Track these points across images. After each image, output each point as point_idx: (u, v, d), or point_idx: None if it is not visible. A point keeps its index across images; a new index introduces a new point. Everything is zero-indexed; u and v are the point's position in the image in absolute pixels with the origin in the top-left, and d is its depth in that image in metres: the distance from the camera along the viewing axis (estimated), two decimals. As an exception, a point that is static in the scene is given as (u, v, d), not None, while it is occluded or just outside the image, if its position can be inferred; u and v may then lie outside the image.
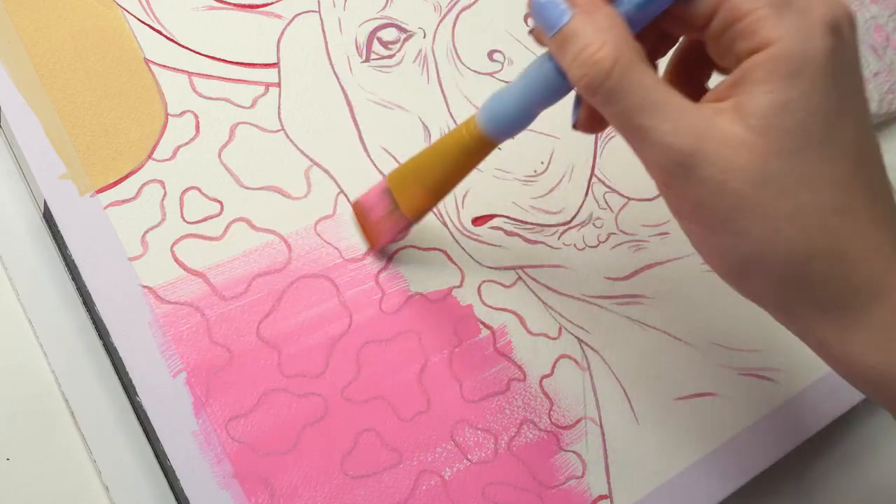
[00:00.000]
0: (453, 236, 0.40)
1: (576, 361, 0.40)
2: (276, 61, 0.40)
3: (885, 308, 0.27)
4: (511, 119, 0.32)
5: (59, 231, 0.34)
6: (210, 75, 0.39)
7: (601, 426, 0.40)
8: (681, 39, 0.32)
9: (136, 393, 0.33)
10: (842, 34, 0.27)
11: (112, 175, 0.36)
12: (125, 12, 0.38)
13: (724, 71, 0.31)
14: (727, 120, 0.27)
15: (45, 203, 0.35)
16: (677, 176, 0.27)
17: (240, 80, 0.39)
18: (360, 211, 0.38)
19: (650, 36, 0.31)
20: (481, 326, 0.39)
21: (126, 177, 0.36)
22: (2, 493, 0.32)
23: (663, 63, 0.33)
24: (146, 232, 0.35)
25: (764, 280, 0.28)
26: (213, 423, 0.33)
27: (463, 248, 0.40)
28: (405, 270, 0.39)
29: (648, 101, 0.27)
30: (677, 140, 0.26)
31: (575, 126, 0.31)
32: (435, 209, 0.40)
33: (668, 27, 0.30)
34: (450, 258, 0.40)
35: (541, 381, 0.39)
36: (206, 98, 0.38)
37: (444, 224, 0.40)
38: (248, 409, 0.34)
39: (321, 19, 0.42)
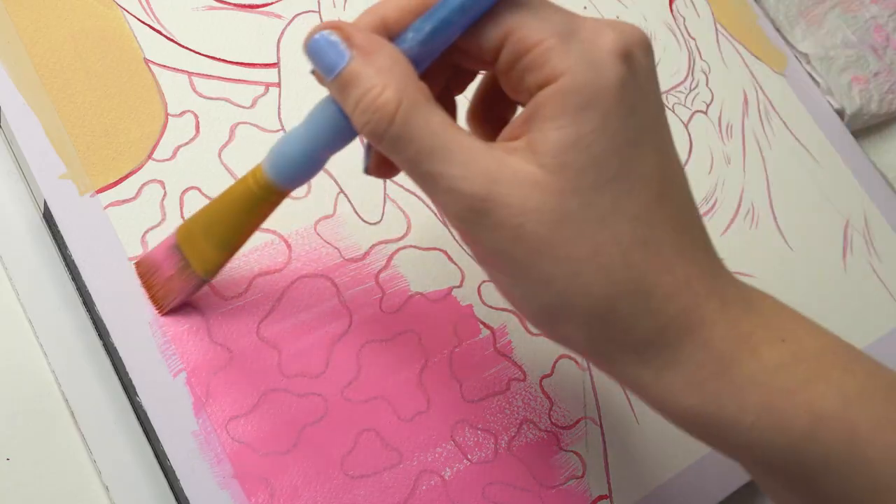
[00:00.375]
0: (453, 236, 0.40)
1: (576, 361, 0.40)
2: (276, 61, 0.40)
3: (696, 344, 0.26)
4: (298, 167, 0.29)
5: (59, 231, 0.34)
6: (210, 75, 0.39)
7: (601, 426, 0.40)
8: (482, 74, 0.31)
9: (136, 393, 0.33)
10: (634, 61, 0.26)
11: (112, 175, 0.36)
12: (125, 12, 0.38)
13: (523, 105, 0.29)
14: (520, 160, 0.25)
15: (45, 203, 0.35)
16: (473, 223, 0.25)
17: (240, 80, 0.39)
18: (145, 270, 0.34)
19: (443, 71, 0.29)
20: (481, 326, 0.39)
21: (126, 177, 0.36)
22: (2, 493, 0.32)
23: (465, 100, 0.31)
24: (146, 232, 0.35)
25: (572, 325, 0.26)
26: (213, 423, 0.33)
27: (463, 248, 0.40)
28: (405, 270, 0.39)
29: (437, 145, 0.25)
30: (468, 185, 0.25)
31: (367, 171, 0.30)
32: (435, 209, 0.40)
33: (460, 61, 0.29)
34: (450, 258, 0.40)
35: (541, 381, 0.39)
36: (206, 98, 0.38)
37: (445, 224, 0.40)
38: (248, 409, 0.34)
39: (321, 19, 0.42)
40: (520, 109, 0.29)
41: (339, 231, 0.38)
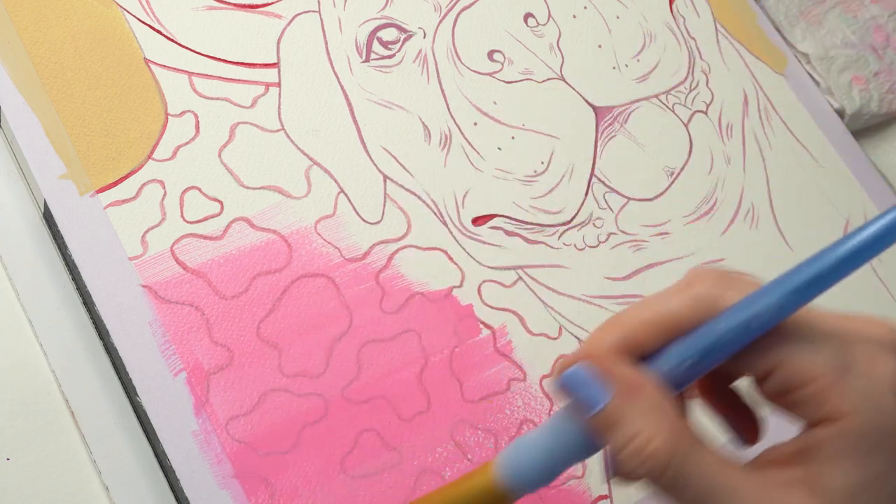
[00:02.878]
0: (453, 236, 0.40)
1: (576, 361, 0.40)
2: (276, 61, 0.40)
3: None
4: (537, 477, 0.27)
5: (59, 231, 0.34)
6: (210, 75, 0.39)
7: (601, 426, 0.39)
8: None
9: (136, 393, 0.33)
10: None
11: (112, 175, 0.36)
12: (125, 12, 0.38)
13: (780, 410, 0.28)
14: (802, 497, 0.25)
15: (45, 203, 0.35)
16: None
17: (240, 80, 0.39)
18: None
19: None
20: (481, 326, 0.39)
21: (126, 177, 0.36)
22: (2, 493, 0.32)
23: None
24: (146, 232, 0.35)
25: None
26: (213, 423, 0.33)
27: (463, 248, 0.40)
28: (405, 270, 0.39)
29: (715, 488, 0.24)
30: None
31: (611, 479, 0.28)
32: (435, 209, 0.40)
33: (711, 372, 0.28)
34: (450, 258, 0.40)
35: (541, 381, 0.39)
36: (206, 98, 0.38)
37: (445, 224, 0.40)
38: (248, 409, 0.34)
39: (321, 19, 0.42)
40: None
41: (340, 231, 0.38)
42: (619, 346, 0.25)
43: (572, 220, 0.43)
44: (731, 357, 0.25)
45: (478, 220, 0.41)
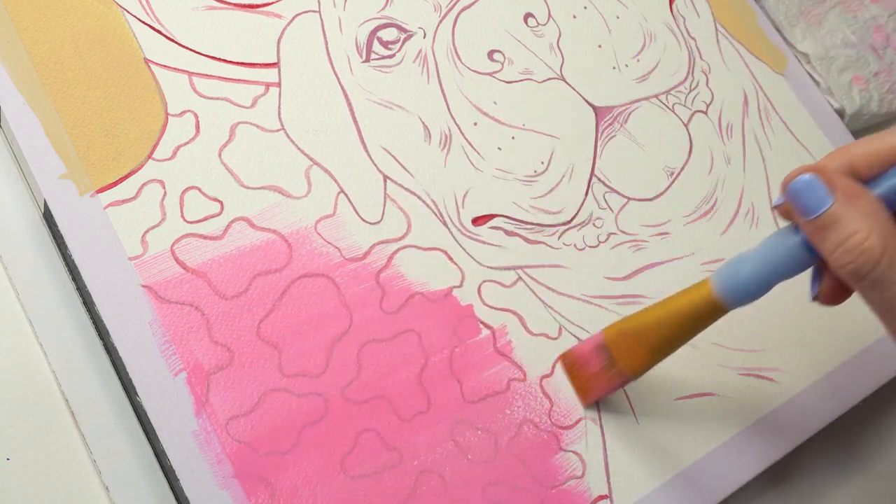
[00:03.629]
0: (453, 236, 0.40)
1: (576, 361, 0.40)
2: (276, 61, 0.40)
3: None
4: (749, 289, 0.32)
5: (59, 231, 0.34)
6: (210, 75, 0.39)
7: (601, 426, 0.39)
8: None
9: (136, 393, 0.33)
10: None
11: (112, 175, 0.36)
12: (125, 12, 0.38)
13: None
14: None
15: (45, 203, 0.35)
16: None
17: (240, 79, 0.39)
18: (572, 363, 0.38)
19: None
20: (481, 326, 0.39)
21: (126, 177, 0.36)
22: (2, 493, 0.32)
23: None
24: (146, 232, 0.35)
25: None
26: (213, 423, 0.33)
27: (463, 248, 0.40)
28: (405, 270, 0.39)
29: None
30: None
31: (815, 299, 0.32)
32: (435, 209, 0.40)
33: None
34: (450, 258, 0.40)
35: (541, 381, 0.39)
36: (206, 98, 0.38)
37: (445, 224, 0.40)
38: (248, 409, 0.34)
39: (321, 19, 0.42)
40: None
41: (340, 231, 0.38)
42: (840, 168, 0.29)
43: (572, 220, 0.43)
44: None
45: (478, 220, 0.41)
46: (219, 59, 0.39)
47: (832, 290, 0.31)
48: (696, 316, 0.34)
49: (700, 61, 0.51)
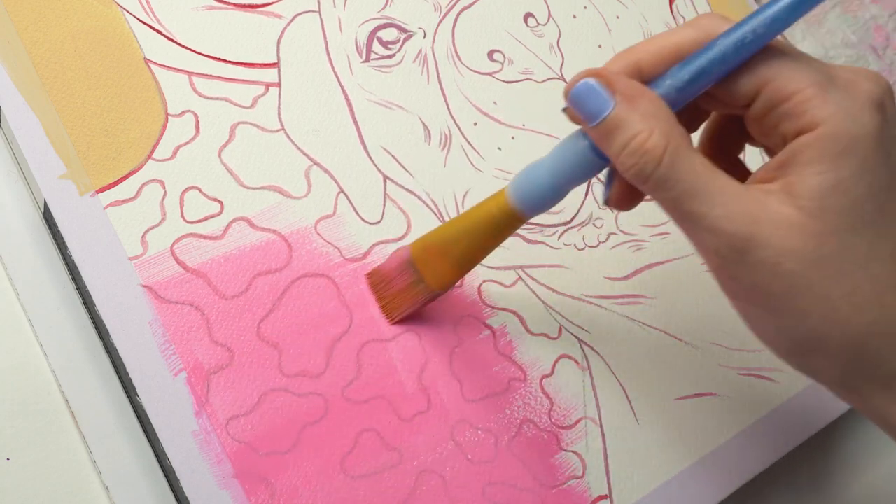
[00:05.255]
0: (453, 236, 0.40)
1: (576, 361, 0.40)
2: (276, 61, 0.40)
3: None
4: (543, 196, 0.32)
5: (59, 231, 0.34)
6: (210, 75, 0.39)
7: (601, 426, 0.40)
8: (713, 113, 0.32)
9: (136, 393, 0.33)
10: (886, 111, 0.27)
11: (112, 175, 0.36)
12: (125, 12, 0.38)
13: (758, 146, 0.31)
14: (778, 202, 0.27)
15: (45, 203, 0.35)
16: (731, 260, 0.27)
17: (240, 79, 0.39)
18: (378, 281, 0.37)
19: (684, 113, 0.30)
20: (482, 326, 0.39)
21: (126, 177, 0.36)
22: (2, 493, 0.32)
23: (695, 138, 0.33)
24: (146, 231, 0.35)
25: (824, 359, 0.28)
26: (213, 423, 0.33)
27: (463, 247, 0.40)
28: (405, 270, 0.39)
29: (699, 186, 0.27)
30: (730, 225, 0.26)
31: (607, 203, 0.32)
32: (435, 209, 0.40)
33: (704, 104, 0.30)
34: (450, 258, 0.40)
35: (541, 381, 0.39)
36: (206, 98, 0.38)
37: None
38: (248, 409, 0.34)
39: (321, 19, 0.42)
40: (749, 149, 0.32)
41: (340, 231, 0.38)
42: (624, 70, 0.28)
43: (572, 220, 0.43)
44: (724, 80, 0.28)
45: (478, 220, 0.41)
46: (219, 59, 0.39)
47: (622, 193, 0.31)
48: (495, 226, 0.33)
49: (700, 61, 0.51)
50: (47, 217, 0.35)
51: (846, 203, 0.26)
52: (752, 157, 0.38)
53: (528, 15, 0.46)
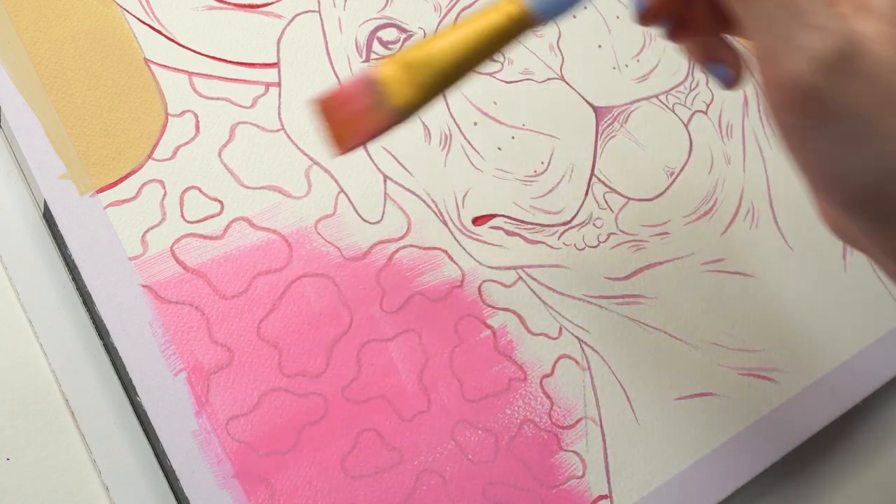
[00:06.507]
0: (454, 236, 0.40)
1: (576, 361, 0.40)
2: (276, 61, 0.40)
3: None
4: None
5: (59, 231, 0.34)
6: (210, 75, 0.39)
7: (601, 426, 0.40)
8: None
9: (136, 393, 0.33)
10: None
11: (112, 175, 0.36)
12: (125, 12, 0.38)
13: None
14: (861, 19, 0.25)
15: (45, 203, 0.35)
16: (831, 69, 0.25)
17: (240, 79, 0.39)
18: (331, 105, 0.31)
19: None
20: (482, 326, 0.39)
21: (126, 177, 0.36)
22: (2, 493, 0.32)
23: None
24: (146, 231, 0.35)
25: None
26: (213, 423, 0.33)
27: (463, 247, 0.40)
28: (406, 270, 0.39)
29: None
30: (839, 24, 0.25)
31: (642, 14, 0.30)
32: (435, 209, 0.40)
33: None
34: (450, 258, 0.40)
35: (541, 381, 0.39)
36: (206, 98, 0.38)
37: (445, 224, 0.40)
38: (248, 409, 0.34)
39: (321, 19, 0.42)
40: None
41: (340, 230, 0.38)
42: None
43: (572, 220, 0.43)
44: None
45: (478, 220, 0.41)
46: (219, 59, 0.39)
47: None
48: (502, 36, 0.30)
49: (700, 61, 0.51)
50: (47, 217, 0.35)
51: None
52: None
53: None
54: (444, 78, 0.30)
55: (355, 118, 0.31)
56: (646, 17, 0.30)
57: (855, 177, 0.26)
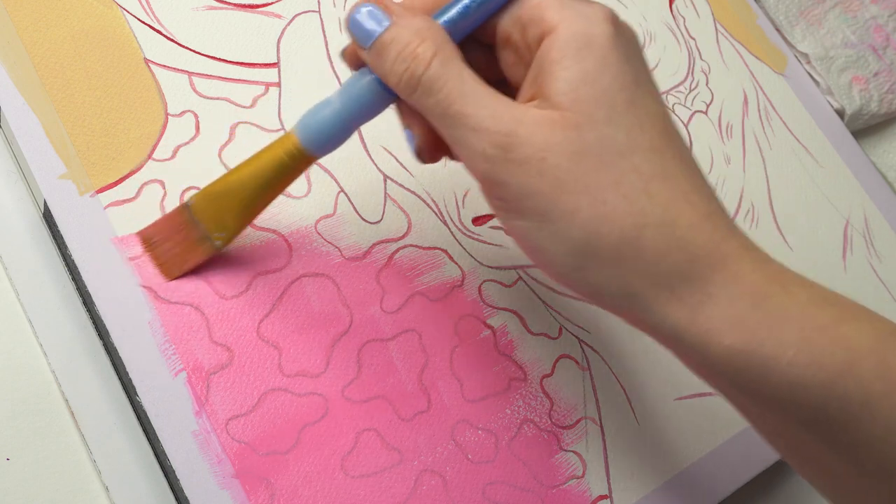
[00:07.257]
0: (454, 236, 0.40)
1: (576, 361, 0.40)
2: (276, 61, 0.40)
3: (728, 277, 0.27)
4: (332, 133, 0.31)
5: (59, 231, 0.34)
6: (210, 75, 0.39)
7: (601, 426, 0.40)
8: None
9: (136, 393, 0.33)
10: (621, 26, 0.28)
11: (112, 175, 0.36)
12: (125, 12, 0.38)
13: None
14: (537, 107, 0.28)
15: (45, 203, 0.35)
16: (497, 160, 0.27)
17: (240, 79, 0.39)
18: (153, 237, 0.35)
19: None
20: (482, 326, 0.39)
21: (126, 177, 0.36)
22: (2, 493, 0.32)
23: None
24: (146, 232, 0.35)
25: (601, 266, 0.27)
26: (213, 423, 0.33)
27: (464, 247, 0.40)
28: (406, 270, 0.39)
29: (467, 89, 0.28)
30: (495, 123, 0.27)
31: (418, 155, 0.32)
32: (435, 209, 0.40)
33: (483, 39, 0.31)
34: (451, 257, 0.40)
35: (541, 381, 0.39)
36: (206, 98, 0.38)
37: (445, 223, 0.40)
38: (248, 409, 0.34)
39: (321, 19, 0.42)
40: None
41: (340, 230, 0.38)
42: (406, 3, 0.30)
43: (572, 219, 0.43)
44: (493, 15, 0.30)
45: (478, 220, 0.41)
46: (219, 59, 0.39)
47: (425, 139, 0.31)
48: (283, 168, 0.32)
49: (700, 61, 0.51)
50: (47, 217, 0.35)
51: (596, 93, 0.27)
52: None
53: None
54: (247, 210, 0.34)
55: (181, 249, 0.34)
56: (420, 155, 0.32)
57: (552, 250, 0.28)
